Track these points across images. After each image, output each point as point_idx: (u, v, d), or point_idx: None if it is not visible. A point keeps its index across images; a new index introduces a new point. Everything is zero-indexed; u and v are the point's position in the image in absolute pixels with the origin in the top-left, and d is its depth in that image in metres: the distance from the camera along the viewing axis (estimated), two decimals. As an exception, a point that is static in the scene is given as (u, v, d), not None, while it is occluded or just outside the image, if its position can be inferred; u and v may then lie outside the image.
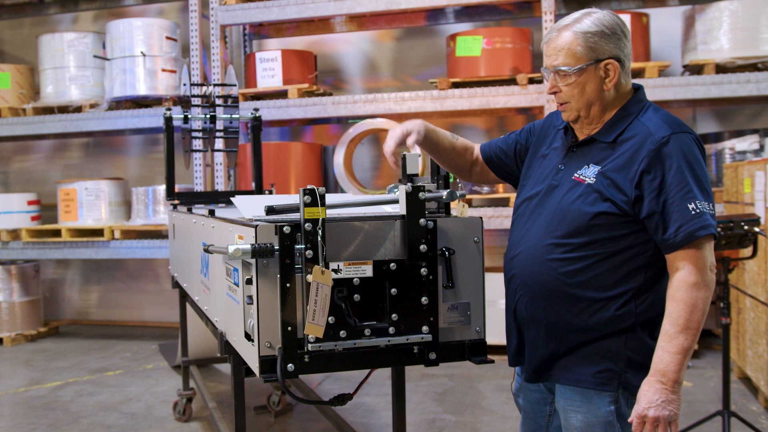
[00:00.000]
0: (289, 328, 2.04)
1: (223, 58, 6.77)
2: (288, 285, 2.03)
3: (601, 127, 2.11)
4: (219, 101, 4.72)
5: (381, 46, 7.56)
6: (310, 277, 2.01)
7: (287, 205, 2.23)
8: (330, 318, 2.04)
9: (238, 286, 2.30)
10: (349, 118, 6.99)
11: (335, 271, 2.07)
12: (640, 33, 5.99)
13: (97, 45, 7.23)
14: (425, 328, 2.15)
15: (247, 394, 2.75)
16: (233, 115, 4.64)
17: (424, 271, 2.14)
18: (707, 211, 1.93)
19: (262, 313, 2.08)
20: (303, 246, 2.02)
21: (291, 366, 2.05)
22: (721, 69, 5.82)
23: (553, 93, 2.12)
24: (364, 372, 2.39)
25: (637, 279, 2.02)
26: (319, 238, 2.03)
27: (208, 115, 4.54)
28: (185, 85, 4.67)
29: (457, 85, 6.22)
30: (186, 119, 4.50)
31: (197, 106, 4.75)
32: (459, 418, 4.57)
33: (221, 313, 2.69)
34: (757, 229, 3.54)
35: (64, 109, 7.19)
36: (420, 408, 4.77)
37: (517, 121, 7.10)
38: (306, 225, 2.02)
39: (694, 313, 1.91)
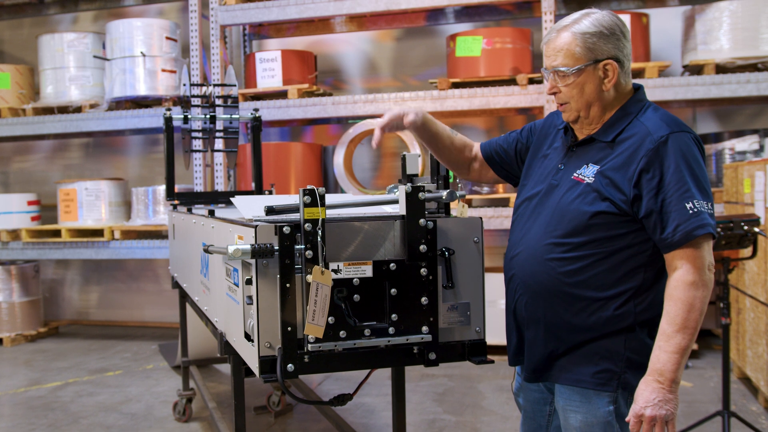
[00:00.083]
0: (288, 329, 2.04)
1: (223, 59, 6.77)
2: (288, 285, 2.03)
3: (600, 126, 2.11)
4: (219, 101, 4.72)
5: (381, 47, 7.56)
6: (309, 278, 2.01)
7: (287, 206, 2.23)
8: (330, 318, 2.04)
9: (237, 286, 2.30)
10: (349, 119, 6.99)
11: (335, 271, 2.07)
12: (640, 33, 5.99)
13: (97, 45, 7.23)
14: (425, 329, 2.15)
15: (247, 394, 2.75)
16: (233, 116, 4.64)
17: (423, 271, 2.14)
18: (705, 211, 1.93)
19: (262, 313, 2.08)
20: (303, 246, 2.03)
21: (291, 366, 2.05)
22: (721, 69, 5.82)
23: (553, 93, 2.13)
24: (364, 372, 2.39)
25: (636, 279, 2.02)
26: (318, 239, 2.03)
27: (208, 116, 4.54)
28: (185, 85, 4.67)
29: (457, 85, 6.22)
30: (186, 119, 4.50)
31: (197, 106, 4.75)
32: (459, 419, 4.57)
33: (221, 313, 2.69)
34: (756, 229, 3.54)
35: (64, 109, 7.19)
36: (420, 408, 4.77)
37: (517, 121, 7.10)
38: (306, 225, 2.02)
39: (692, 313, 1.91)
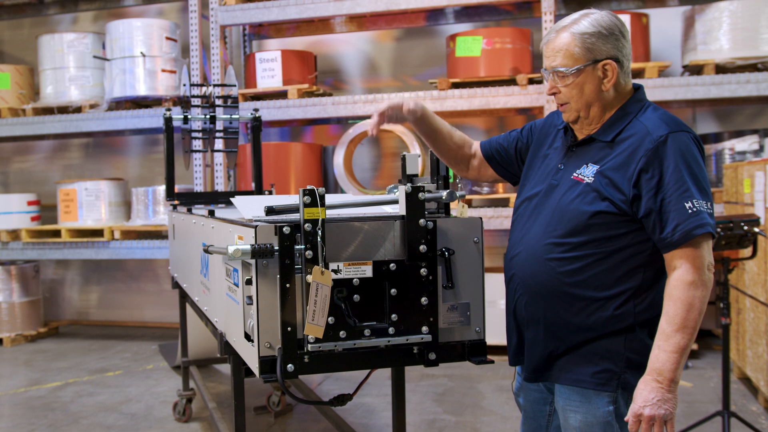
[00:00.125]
0: (288, 329, 2.04)
1: (223, 59, 6.77)
2: (288, 285, 2.03)
3: (600, 126, 2.11)
4: (219, 101, 4.71)
5: (381, 47, 7.56)
6: (309, 278, 2.01)
7: (287, 206, 2.23)
8: (330, 318, 2.04)
9: (237, 286, 2.30)
10: (349, 119, 6.99)
11: (335, 271, 2.07)
12: (640, 33, 5.99)
13: (96, 45, 7.23)
14: (425, 329, 2.15)
15: (246, 394, 2.75)
16: (233, 116, 4.64)
17: (423, 271, 2.14)
18: (705, 210, 1.93)
19: (262, 313, 2.08)
20: (303, 246, 2.03)
21: (291, 366, 2.05)
22: (720, 69, 5.82)
23: (553, 94, 2.13)
24: (364, 372, 2.39)
25: (636, 278, 2.02)
26: (318, 239, 2.03)
27: (208, 116, 4.54)
28: (185, 85, 4.67)
29: (456, 85, 6.22)
30: (186, 120, 4.49)
31: (197, 106, 4.75)
32: (459, 419, 4.57)
33: (221, 313, 2.69)
34: (756, 229, 3.54)
35: (63, 109, 7.19)
36: (420, 408, 4.77)
37: (517, 121, 7.10)
38: (306, 225, 2.02)
39: (691, 312, 1.91)
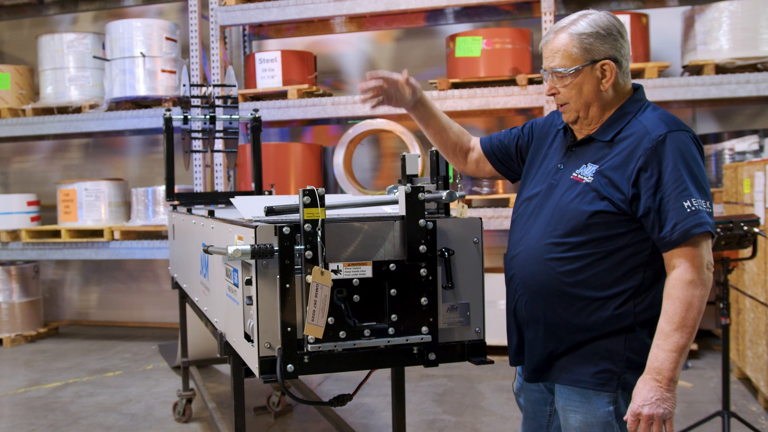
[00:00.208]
0: (288, 329, 2.04)
1: (223, 59, 6.77)
2: (287, 286, 2.03)
3: (599, 126, 2.11)
4: (219, 102, 4.71)
5: (381, 47, 7.56)
6: (309, 278, 2.01)
7: (287, 206, 2.23)
8: (329, 319, 2.04)
9: (237, 286, 2.30)
10: (349, 119, 6.99)
11: (335, 271, 2.07)
12: (640, 33, 5.99)
13: (96, 46, 7.22)
14: (425, 329, 2.15)
15: (246, 394, 2.75)
16: (233, 116, 4.64)
17: (423, 271, 2.14)
18: (703, 209, 1.93)
19: (262, 313, 2.08)
20: (302, 247, 2.03)
21: (290, 367, 2.05)
22: (720, 69, 5.82)
23: (552, 94, 2.13)
24: (364, 373, 2.39)
25: (636, 278, 2.02)
26: (318, 239, 2.03)
27: (208, 116, 4.54)
28: (185, 85, 4.67)
29: (456, 85, 6.22)
30: (186, 120, 4.49)
31: (197, 106, 4.75)
32: (459, 419, 4.57)
33: (221, 313, 2.69)
34: (756, 229, 3.54)
35: (63, 109, 7.19)
36: (420, 408, 4.77)
37: (517, 121, 7.10)
38: (305, 226, 2.02)
39: (690, 311, 1.91)
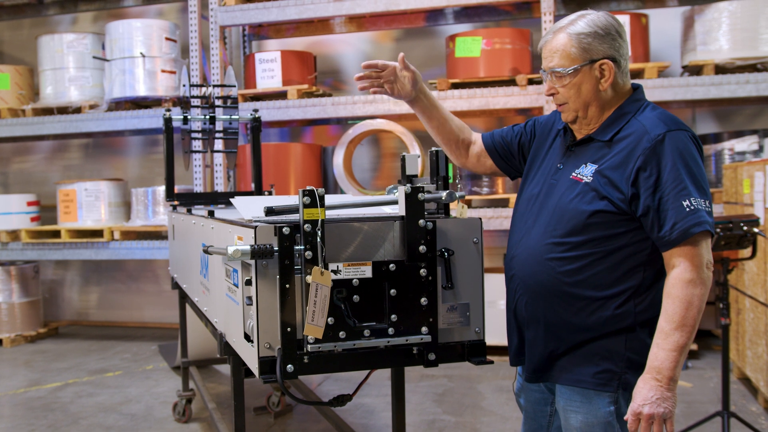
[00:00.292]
0: (288, 329, 2.04)
1: (223, 59, 6.77)
2: (287, 286, 2.03)
3: (598, 126, 2.12)
4: (218, 102, 4.71)
5: (380, 47, 7.56)
6: (309, 278, 2.01)
7: (286, 206, 2.23)
8: (329, 319, 2.04)
9: (237, 287, 2.30)
10: (349, 119, 6.99)
11: (334, 272, 2.07)
12: (640, 34, 5.99)
13: (96, 46, 7.22)
14: (424, 329, 2.15)
15: (246, 394, 2.75)
16: (233, 116, 4.63)
17: (423, 271, 2.14)
18: (703, 208, 1.93)
19: (262, 314, 2.08)
20: (302, 247, 2.03)
21: (290, 367, 2.05)
22: (720, 70, 5.82)
23: (552, 95, 2.14)
24: (364, 373, 2.39)
25: (636, 278, 2.02)
26: (318, 239, 2.03)
27: (208, 116, 4.54)
28: (185, 85, 4.67)
29: (456, 85, 6.22)
30: (185, 120, 4.49)
31: (197, 107, 4.75)
32: (458, 419, 4.57)
33: (221, 314, 2.69)
34: (756, 229, 3.54)
35: (63, 110, 7.19)
36: (420, 409, 4.77)
37: (517, 121, 6.96)
38: (305, 226, 2.02)
39: (690, 311, 1.91)
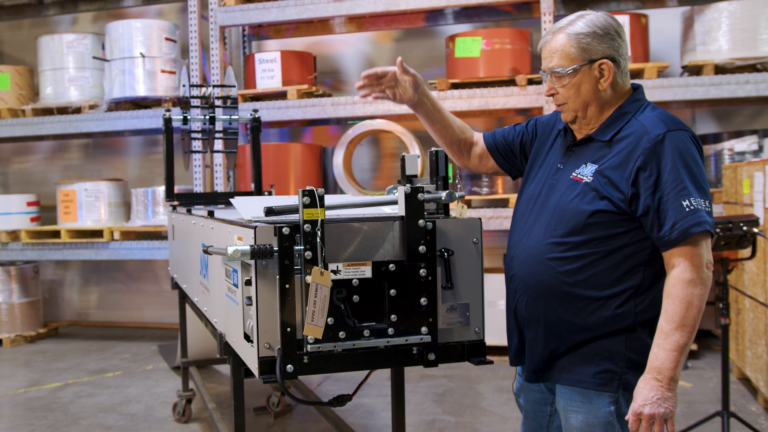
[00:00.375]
0: (288, 329, 2.04)
1: (223, 59, 6.77)
2: (287, 286, 2.03)
3: (598, 126, 2.12)
4: (218, 102, 4.71)
5: (380, 47, 7.56)
6: (309, 278, 2.01)
7: (286, 206, 2.23)
8: (329, 319, 2.04)
9: (237, 287, 2.30)
10: (349, 119, 6.99)
11: (334, 272, 2.07)
12: (639, 34, 5.99)
13: (96, 46, 7.22)
14: (424, 329, 2.15)
15: (246, 395, 2.75)
16: (232, 116, 4.63)
17: (423, 272, 2.14)
18: (702, 208, 1.93)
19: (262, 314, 2.08)
20: (302, 247, 2.03)
21: (290, 367, 2.05)
22: (720, 70, 5.82)
23: (551, 95, 2.14)
24: (364, 373, 2.39)
25: (636, 277, 2.02)
26: (318, 239, 2.03)
27: (208, 116, 4.54)
28: (184, 86, 4.67)
29: (456, 86, 6.22)
30: (185, 120, 4.49)
31: (196, 107, 4.75)
32: (458, 419, 4.57)
33: (221, 314, 2.69)
34: (756, 229, 3.54)
35: (63, 110, 7.19)
36: (419, 409, 4.77)
37: (517, 121, 6.99)
38: (305, 226, 2.02)
39: (690, 310, 1.91)
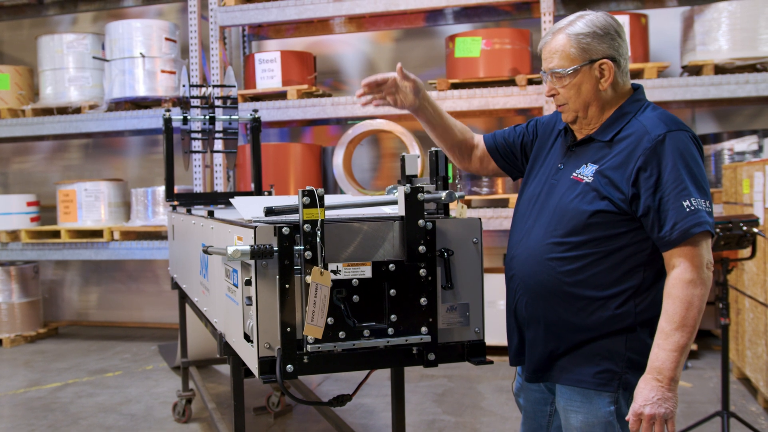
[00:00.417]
0: (288, 329, 2.04)
1: (223, 59, 6.77)
2: (287, 286, 2.03)
3: (599, 126, 2.12)
4: (218, 102, 4.71)
5: (380, 47, 7.56)
6: (309, 278, 2.01)
7: (286, 206, 2.23)
8: (329, 319, 2.04)
9: (237, 287, 2.30)
10: (349, 119, 6.99)
11: (334, 272, 2.07)
12: (639, 34, 5.99)
13: (96, 46, 7.22)
14: (424, 329, 2.15)
15: (246, 395, 2.75)
16: (232, 116, 4.63)
17: (422, 272, 2.14)
18: (703, 209, 1.93)
19: (261, 314, 2.08)
20: (302, 247, 2.03)
21: (290, 367, 2.05)
22: (719, 70, 5.82)
23: (552, 96, 2.14)
24: (364, 373, 2.39)
25: (636, 278, 2.02)
26: (318, 239, 2.03)
27: (208, 116, 4.54)
28: (184, 86, 4.67)
29: (456, 86, 6.22)
30: (185, 120, 4.49)
31: (196, 107, 4.75)
32: (458, 419, 4.57)
33: (220, 314, 2.69)
34: (755, 229, 3.54)
35: (63, 110, 7.19)
36: (419, 409, 4.77)
37: (517, 121, 7.10)
38: (305, 226, 2.02)
39: (690, 311, 1.91)
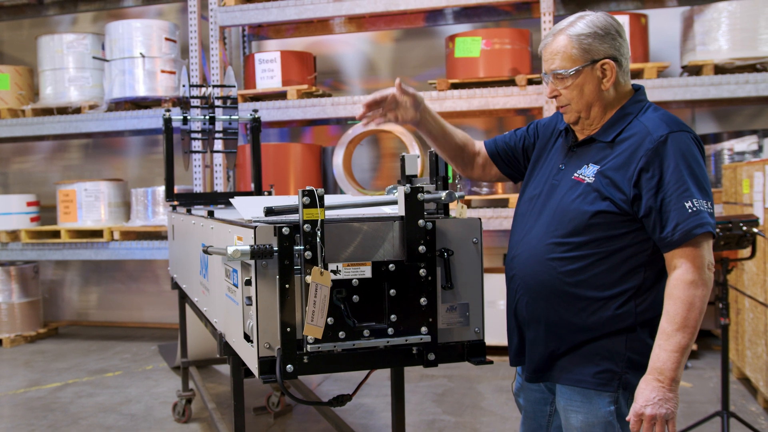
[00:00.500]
0: (288, 329, 2.04)
1: (222, 60, 6.77)
2: (287, 286, 2.03)
3: (600, 127, 2.12)
4: (218, 102, 4.71)
5: (380, 47, 7.56)
6: (309, 278, 2.01)
7: (286, 206, 2.23)
8: (329, 319, 2.04)
9: (237, 287, 2.30)
10: (349, 119, 6.99)
11: (334, 272, 2.07)
12: (639, 34, 5.99)
13: (96, 46, 7.22)
14: (424, 329, 2.15)
15: (246, 395, 2.75)
16: (232, 116, 4.64)
17: (422, 272, 2.14)
18: (705, 210, 1.93)
19: (261, 314, 2.08)
20: (302, 247, 2.03)
21: (290, 367, 2.05)
22: (719, 70, 5.82)
23: (554, 97, 2.14)
24: (364, 373, 2.39)
25: (637, 278, 2.02)
26: (318, 239, 2.03)
27: (208, 116, 4.54)
28: (184, 86, 4.67)
29: (456, 86, 6.22)
30: (185, 120, 4.49)
31: (196, 107, 4.75)
32: (458, 419, 4.57)
33: (220, 314, 2.69)
34: (755, 229, 3.54)
35: (63, 110, 7.19)
36: (419, 409, 4.77)
37: (517, 121, 7.10)
38: (305, 226, 2.03)
39: (692, 312, 1.91)
